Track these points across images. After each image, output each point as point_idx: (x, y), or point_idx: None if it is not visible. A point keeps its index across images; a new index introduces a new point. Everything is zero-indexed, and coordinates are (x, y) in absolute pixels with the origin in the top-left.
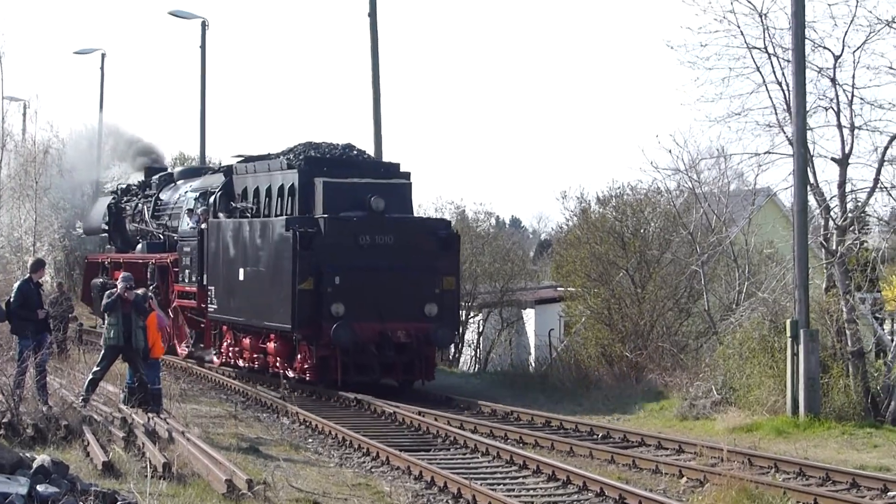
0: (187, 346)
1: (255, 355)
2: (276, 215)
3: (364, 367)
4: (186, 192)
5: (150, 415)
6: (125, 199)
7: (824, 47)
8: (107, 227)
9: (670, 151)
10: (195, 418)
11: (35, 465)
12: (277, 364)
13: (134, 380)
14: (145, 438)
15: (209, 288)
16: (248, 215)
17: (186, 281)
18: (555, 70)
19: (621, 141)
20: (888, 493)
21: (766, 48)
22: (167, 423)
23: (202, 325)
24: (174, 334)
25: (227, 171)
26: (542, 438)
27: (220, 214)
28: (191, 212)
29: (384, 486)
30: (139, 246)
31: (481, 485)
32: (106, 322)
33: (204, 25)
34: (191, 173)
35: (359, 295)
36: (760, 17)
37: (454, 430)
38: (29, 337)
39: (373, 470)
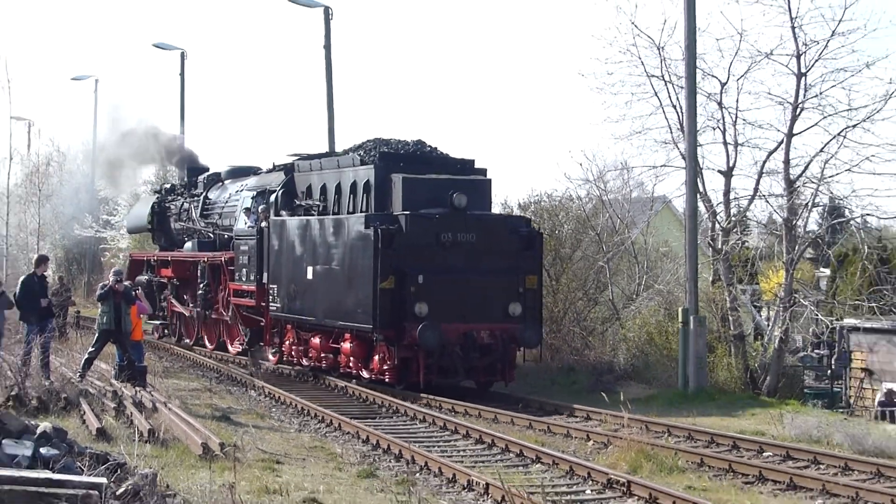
0: (240, 344)
1: (323, 354)
2: (349, 212)
3: (447, 369)
4: (239, 190)
5: (137, 388)
6: (169, 198)
7: (713, 76)
8: (150, 226)
9: (581, 164)
10: (175, 391)
11: (38, 431)
12: (351, 364)
13: (123, 359)
14: (133, 408)
15: (270, 286)
16: (315, 213)
17: (244, 280)
18: (481, 93)
19: (539, 155)
20: (763, 454)
21: (663, 76)
22: (152, 396)
23: (261, 324)
24: (224, 331)
25: (288, 168)
26: (471, 408)
27: (283, 212)
28: (248, 210)
29: (336, 448)
30: (188, 244)
31: (419, 447)
32: (100, 309)
33: (183, 56)
34: (239, 173)
35: (442, 294)
36: (658, 49)
37: (396, 401)
38: (34, 323)
39: (327, 434)
